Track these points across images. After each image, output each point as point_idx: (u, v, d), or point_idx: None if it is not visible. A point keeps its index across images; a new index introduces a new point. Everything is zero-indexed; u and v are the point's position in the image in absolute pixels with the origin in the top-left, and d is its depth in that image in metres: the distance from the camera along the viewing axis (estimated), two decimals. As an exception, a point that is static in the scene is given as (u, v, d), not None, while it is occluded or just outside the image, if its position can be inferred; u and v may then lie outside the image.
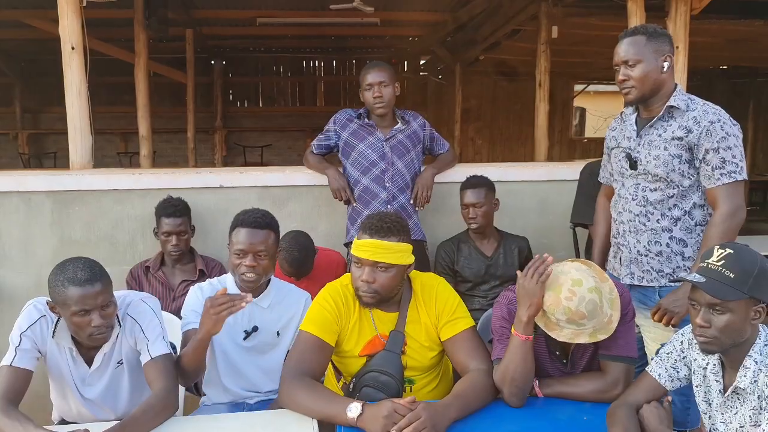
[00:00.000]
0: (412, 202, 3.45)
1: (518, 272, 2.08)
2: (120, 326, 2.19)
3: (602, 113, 14.58)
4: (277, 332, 2.49)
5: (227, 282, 2.48)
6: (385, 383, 2.19)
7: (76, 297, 1.99)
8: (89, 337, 2.07)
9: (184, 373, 2.24)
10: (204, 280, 2.53)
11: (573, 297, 1.96)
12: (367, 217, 2.24)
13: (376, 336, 2.24)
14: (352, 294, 2.24)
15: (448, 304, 2.26)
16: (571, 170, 3.83)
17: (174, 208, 3.33)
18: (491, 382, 2.10)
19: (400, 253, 2.14)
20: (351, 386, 2.26)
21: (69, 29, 3.73)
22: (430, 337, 2.26)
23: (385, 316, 2.25)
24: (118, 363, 2.24)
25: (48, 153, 11.58)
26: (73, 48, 3.72)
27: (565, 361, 2.20)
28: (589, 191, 3.18)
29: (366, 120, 3.45)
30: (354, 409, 1.91)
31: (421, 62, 12.40)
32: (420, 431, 1.82)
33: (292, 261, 3.16)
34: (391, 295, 2.20)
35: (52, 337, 2.14)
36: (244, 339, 2.44)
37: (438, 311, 2.25)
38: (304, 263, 3.21)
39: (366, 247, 2.13)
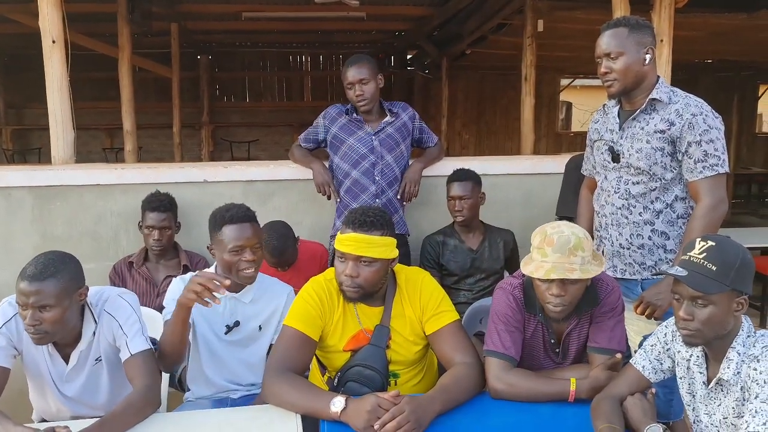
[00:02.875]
0: (399, 197, 3.44)
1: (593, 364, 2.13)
2: (96, 323, 2.17)
3: (589, 107, 14.63)
4: (259, 326, 2.48)
5: None
6: (370, 377, 2.18)
7: (18, 291, 1.98)
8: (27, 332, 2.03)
9: (164, 355, 2.22)
10: (187, 276, 2.50)
11: (555, 228, 2.04)
12: (350, 211, 2.22)
13: (360, 330, 2.23)
14: (336, 288, 2.22)
15: (432, 297, 2.25)
16: (556, 163, 3.84)
17: (159, 202, 3.31)
18: (476, 375, 2.10)
19: (383, 247, 2.13)
20: (335, 381, 2.25)
21: (49, 22, 3.67)
22: (415, 331, 2.25)
23: (369, 311, 2.24)
24: (96, 360, 2.21)
25: (32, 149, 11.45)
26: (53, 41, 3.67)
27: (557, 350, 2.21)
28: (574, 184, 3.18)
29: (354, 115, 3.43)
30: (337, 404, 1.90)
31: (408, 57, 12.38)
32: (403, 425, 1.81)
33: (273, 250, 3.15)
34: (375, 289, 2.18)
35: None
36: (226, 333, 2.43)
37: (422, 305, 2.24)
38: (285, 251, 3.20)
39: (349, 242, 2.11)
